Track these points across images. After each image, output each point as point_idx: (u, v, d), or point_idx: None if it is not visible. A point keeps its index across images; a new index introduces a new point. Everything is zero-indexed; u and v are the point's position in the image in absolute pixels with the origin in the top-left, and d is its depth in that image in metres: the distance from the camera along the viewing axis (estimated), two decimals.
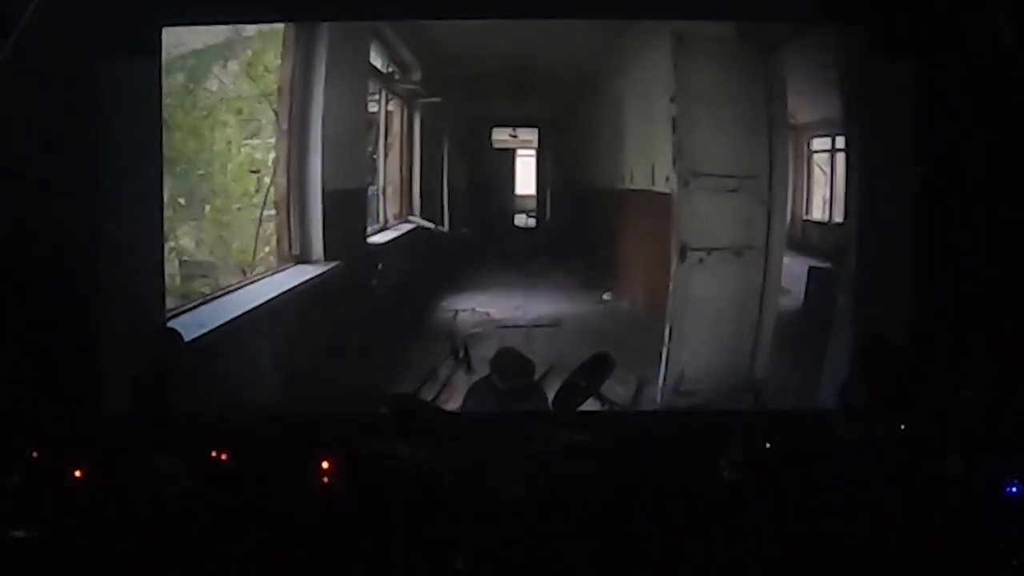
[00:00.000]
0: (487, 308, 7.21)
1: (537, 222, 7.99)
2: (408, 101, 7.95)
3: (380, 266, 7.47)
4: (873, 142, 5.69)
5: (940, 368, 5.18)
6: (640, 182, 7.57)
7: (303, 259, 7.17)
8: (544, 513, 4.75)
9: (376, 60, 7.48)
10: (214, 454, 5.07)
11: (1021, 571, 4.33)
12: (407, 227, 7.96)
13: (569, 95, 7.80)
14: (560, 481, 4.96)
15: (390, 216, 7.90)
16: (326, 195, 7.05)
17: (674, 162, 6.89)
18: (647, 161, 7.42)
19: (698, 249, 6.91)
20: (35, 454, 4.86)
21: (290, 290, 6.69)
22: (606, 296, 7.56)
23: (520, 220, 8.08)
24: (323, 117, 6.95)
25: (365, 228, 7.48)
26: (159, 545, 4.52)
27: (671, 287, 6.81)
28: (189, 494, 4.80)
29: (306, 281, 6.89)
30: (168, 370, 5.11)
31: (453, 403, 5.80)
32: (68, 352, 5.24)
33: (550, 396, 5.68)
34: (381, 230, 7.84)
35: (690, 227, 6.92)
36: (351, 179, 7.37)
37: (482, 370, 5.79)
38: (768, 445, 5.15)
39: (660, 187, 7.16)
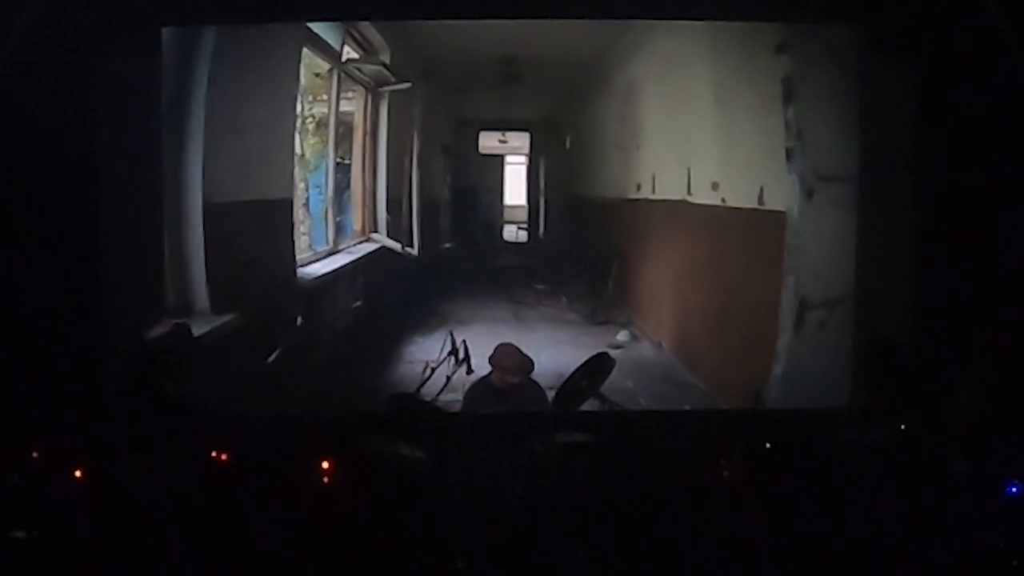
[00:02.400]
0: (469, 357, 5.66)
1: (529, 236, 6.96)
2: (372, 91, 6.45)
3: (300, 320, 5.56)
4: (872, 142, 5.68)
5: (940, 368, 5.18)
6: (667, 190, 6.04)
7: (182, 311, 5.20)
8: (544, 513, 4.76)
9: (329, 37, 6.09)
10: (214, 454, 5.07)
11: (1021, 571, 4.33)
12: (368, 248, 6.39)
13: (568, 88, 6.60)
14: (560, 481, 4.96)
15: (348, 235, 6.38)
16: (212, 212, 5.00)
17: (789, 156, 4.95)
18: (679, 164, 5.91)
19: (820, 305, 4.90)
20: (35, 454, 4.86)
21: None
22: (621, 336, 6.16)
23: (510, 233, 7.00)
24: (209, 100, 5.15)
25: (292, 258, 5.59)
26: (159, 545, 4.53)
27: (775, 371, 4.93)
28: (189, 494, 4.81)
29: None
30: (172, 364, 5.10)
31: (453, 403, 5.79)
32: (68, 351, 5.24)
33: (550, 396, 5.68)
34: (329, 255, 6.21)
35: (812, 268, 4.84)
36: (264, 188, 5.35)
37: (482, 370, 5.78)
38: (768, 445, 5.14)
39: (702, 198, 5.69)
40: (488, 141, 6.99)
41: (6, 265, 5.12)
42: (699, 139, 5.73)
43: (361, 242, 6.45)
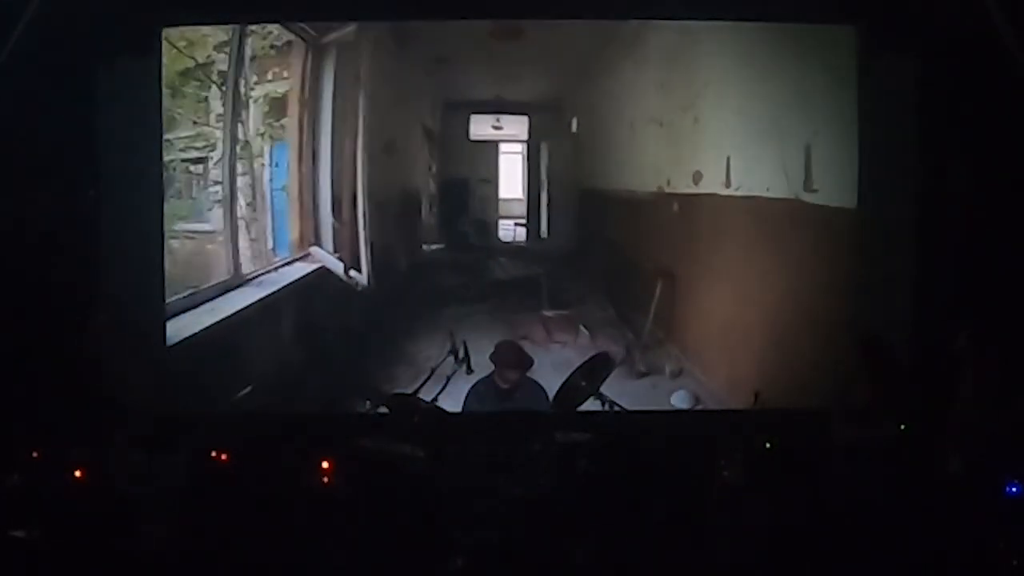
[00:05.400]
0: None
1: (528, 235, 5.88)
2: (312, 45, 4.96)
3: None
4: (873, 142, 5.67)
5: (940, 368, 5.18)
6: (756, 182, 4.57)
7: None
8: (544, 513, 4.75)
9: None
10: (214, 454, 5.07)
11: (1021, 571, 4.33)
12: (298, 272, 4.83)
13: (580, 47, 5.22)
14: (560, 481, 4.96)
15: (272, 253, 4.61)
16: None
17: None
18: (785, 142, 4.49)
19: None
20: (35, 454, 4.86)
21: None
22: (678, 400, 4.87)
23: (506, 231, 5.88)
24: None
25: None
26: (159, 545, 4.53)
27: None
28: (189, 494, 4.81)
29: None
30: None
31: (453, 403, 5.79)
32: (68, 351, 5.24)
33: (550, 396, 5.68)
34: (223, 292, 4.62)
35: None
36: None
37: (482, 370, 5.78)
38: (768, 445, 5.14)
39: (841, 198, 4.32)
40: (480, 127, 5.86)
41: (6, 265, 5.13)
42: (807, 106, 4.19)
43: (294, 260, 4.79)
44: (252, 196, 5.16)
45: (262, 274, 4.75)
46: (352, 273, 4.75)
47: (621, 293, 5.09)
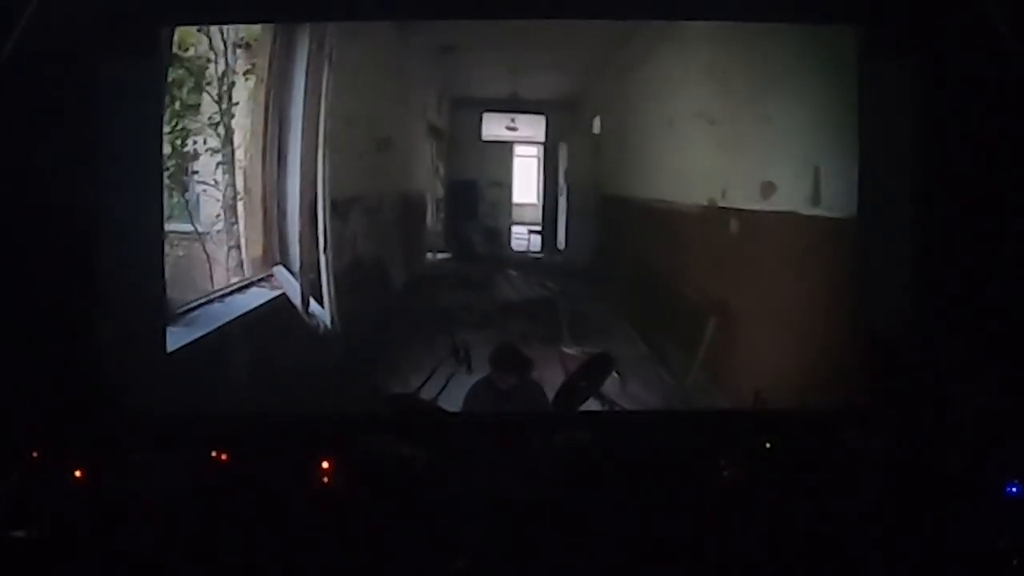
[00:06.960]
0: None
1: (543, 244, 5.43)
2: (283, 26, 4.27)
3: None
4: (872, 142, 5.68)
5: (940, 368, 5.18)
6: (849, 202, 3.75)
7: None
8: (544, 513, 4.75)
9: None
10: (214, 454, 5.07)
11: (1021, 571, 4.33)
12: (259, 299, 4.14)
13: (607, 32, 4.43)
14: (560, 481, 4.96)
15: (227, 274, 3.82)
16: None
17: None
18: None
19: None
20: (35, 454, 4.86)
21: None
22: None
23: (519, 239, 5.45)
24: None
25: None
26: (159, 545, 4.53)
27: None
28: (189, 494, 4.81)
29: None
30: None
31: (453, 403, 5.79)
32: (68, 352, 5.24)
33: (550, 396, 5.68)
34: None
35: None
36: None
37: (482, 370, 5.78)
38: (768, 445, 5.15)
39: None
40: (493, 127, 5.37)
41: (6, 265, 5.12)
42: None
43: (250, 285, 4.07)
44: (233, 198, 4.74)
45: (200, 305, 4.04)
46: (312, 305, 3.87)
47: (657, 326, 4.33)
